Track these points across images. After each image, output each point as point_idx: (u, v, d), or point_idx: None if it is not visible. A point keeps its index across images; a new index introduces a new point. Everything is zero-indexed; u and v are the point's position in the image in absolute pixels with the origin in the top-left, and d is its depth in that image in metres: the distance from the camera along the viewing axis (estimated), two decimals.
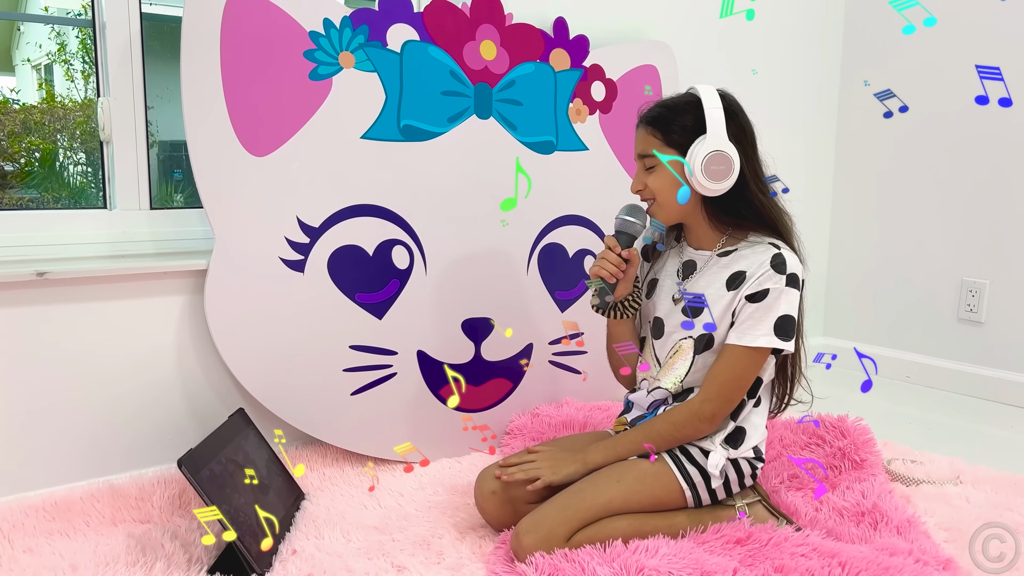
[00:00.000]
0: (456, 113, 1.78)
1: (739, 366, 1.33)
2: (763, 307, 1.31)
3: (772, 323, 1.31)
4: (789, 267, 1.32)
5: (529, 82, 1.87)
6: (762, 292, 1.31)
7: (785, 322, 1.31)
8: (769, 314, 1.31)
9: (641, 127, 1.39)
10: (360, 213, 1.69)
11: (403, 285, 1.75)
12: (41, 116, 2.57)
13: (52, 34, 2.79)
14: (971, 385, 2.45)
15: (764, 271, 1.31)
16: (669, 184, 1.36)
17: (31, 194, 2.30)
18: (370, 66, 1.67)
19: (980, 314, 2.44)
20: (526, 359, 1.92)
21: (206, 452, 1.34)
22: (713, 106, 1.33)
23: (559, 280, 1.97)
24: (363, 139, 1.68)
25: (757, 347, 1.32)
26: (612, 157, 2.03)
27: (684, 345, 1.41)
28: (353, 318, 1.70)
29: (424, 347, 1.79)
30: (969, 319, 2.47)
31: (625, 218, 1.42)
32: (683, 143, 1.34)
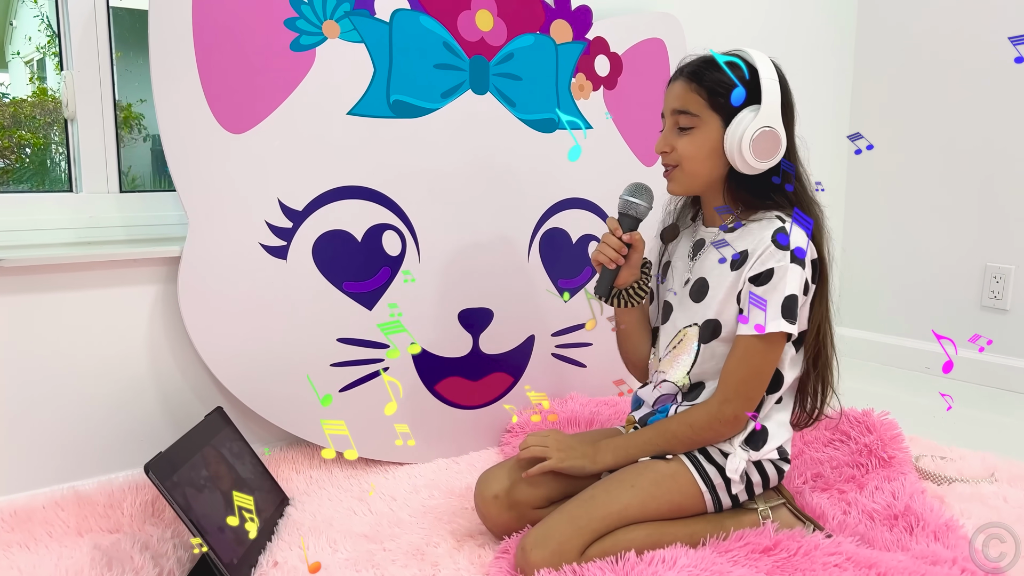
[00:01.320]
0: (450, 88, 1.66)
1: (755, 358, 1.21)
2: (768, 289, 1.19)
3: (779, 305, 1.18)
4: (792, 241, 1.19)
5: (528, 55, 1.74)
6: (766, 273, 1.19)
7: (790, 301, 1.18)
8: (775, 295, 1.18)
9: (681, 80, 1.25)
10: (347, 195, 1.57)
11: (395, 273, 1.62)
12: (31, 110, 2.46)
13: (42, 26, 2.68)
14: (996, 375, 2.33)
15: (766, 248, 1.19)
16: (704, 153, 1.23)
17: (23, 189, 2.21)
18: (357, 36, 1.55)
19: (1005, 301, 2.32)
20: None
21: (178, 455, 1.22)
22: (769, 76, 1.21)
23: (562, 267, 1.85)
24: (350, 115, 1.56)
25: (769, 333, 1.18)
26: (617, 136, 1.90)
27: (689, 333, 1.30)
28: (341, 309, 1.57)
29: (418, 339, 1.66)
30: (993, 306, 2.35)
31: (628, 199, 1.30)
32: (730, 110, 1.21)
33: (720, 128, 1.22)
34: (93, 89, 1.51)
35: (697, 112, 1.23)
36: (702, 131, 1.23)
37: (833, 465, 1.53)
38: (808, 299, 1.23)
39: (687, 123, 1.24)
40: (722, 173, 1.25)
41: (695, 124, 1.23)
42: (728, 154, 1.22)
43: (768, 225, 1.22)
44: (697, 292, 1.29)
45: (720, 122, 1.22)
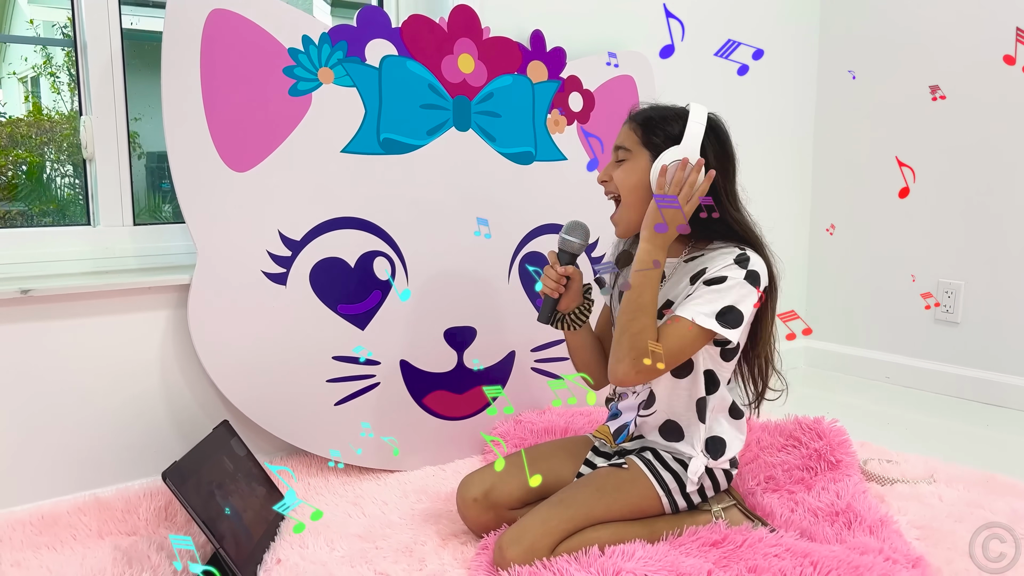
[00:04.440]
0: (435, 126, 1.81)
1: (674, 337, 1.29)
2: (714, 290, 1.30)
3: (718, 307, 1.28)
4: (752, 264, 1.32)
5: (507, 94, 1.90)
6: (719, 278, 1.30)
7: (729, 312, 1.28)
8: (718, 298, 1.29)
9: (627, 123, 1.42)
10: (341, 226, 1.72)
11: (385, 296, 1.77)
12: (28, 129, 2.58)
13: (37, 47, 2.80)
14: (948, 384, 2.50)
15: (727, 264, 1.32)
16: (633, 182, 1.37)
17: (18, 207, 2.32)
18: (349, 81, 1.70)
19: (956, 315, 2.48)
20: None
21: (191, 464, 1.36)
22: (696, 120, 1.35)
23: None
24: (343, 153, 1.71)
25: (695, 323, 1.28)
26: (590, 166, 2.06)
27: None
28: (336, 329, 1.72)
29: (407, 356, 1.81)
30: (945, 320, 2.51)
31: (565, 236, 1.44)
32: (659, 147, 1.35)
33: (648, 161, 1.36)
34: (110, 133, 1.66)
35: (630, 147, 1.38)
36: (632, 163, 1.38)
37: (784, 468, 1.67)
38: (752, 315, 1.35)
39: (622, 156, 1.40)
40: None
41: (627, 157, 1.39)
42: (651, 185, 1.35)
43: (730, 251, 1.35)
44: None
45: (649, 157, 1.36)
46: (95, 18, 1.63)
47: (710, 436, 1.40)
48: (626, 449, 1.46)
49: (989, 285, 2.41)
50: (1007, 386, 2.37)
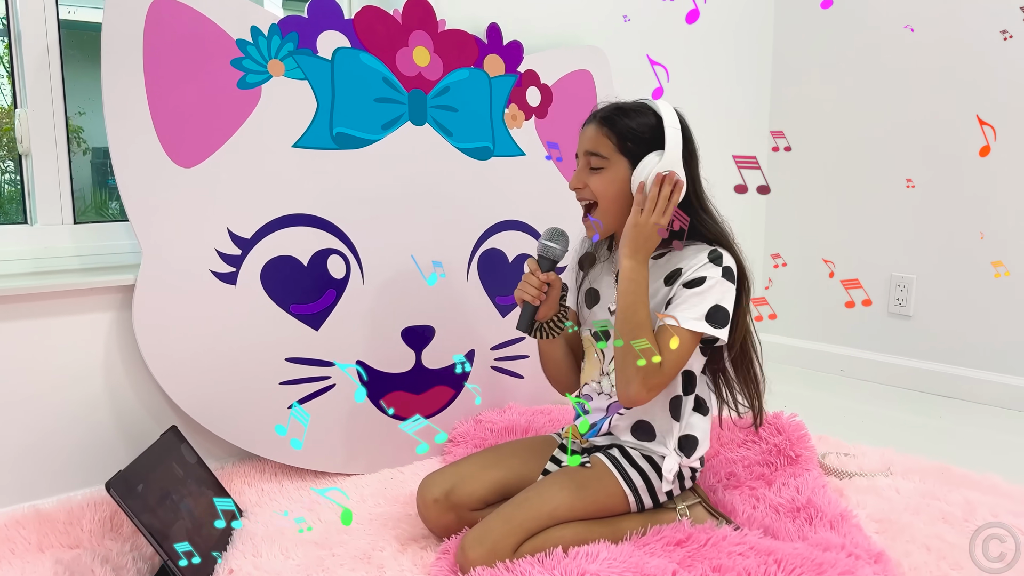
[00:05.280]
0: (390, 120, 1.77)
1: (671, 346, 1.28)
2: (697, 293, 1.30)
3: (705, 309, 1.29)
4: (725, 261, 1.32)
5: (464, 88, 1.86)
6: (699, 279, 1.31)
7: (717, 312, 1.30)
8: (703, 300, 1.30)
9: (593, 124, 1.38)
10: (293, 223, 1.67)
11: (339, 295, 1.73)
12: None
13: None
14: (901, 376, 2.53)
15: (701, 263, 1.32)
16: (613, 191, 1.36)
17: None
18: (300, 74, 1.65)
19: (908, 307, 2.52)
20: None
21: (137, 473, 1.30)
22: (673, 125, 1.34)
23: (499, 285, 1.97)
24: (295, 148, 1.66)
25: (687, 329, 1.28)
26: (550, 163, 2.03)
27: None
28: (289, 330, 1.67)
29: (363, 357, 1.77)
30: (899, 313, 2.55)
31: (546, 243, 1.42)
32: (636, 153, 1.34)
33: (627, 170, 1.35)
34: (47, 126, 1.58)
35: (607, 155, 1.36)
36: (610, 171, 1.36)
37: (745, 464, 1.67)
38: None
39: (598, 164, 1.37)
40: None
41: (604, 165, 1.36)
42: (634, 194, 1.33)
43: (701, 249, 1.35)
44: None
45: (627, 164, 1.35)
46: (30, 7, 1.55)
47: (683, 434, 1.39)
48: (595, 445, 1.44)
49: (940, 278, 2.45)
50: (958, 378, 2.41)
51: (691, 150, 1.38)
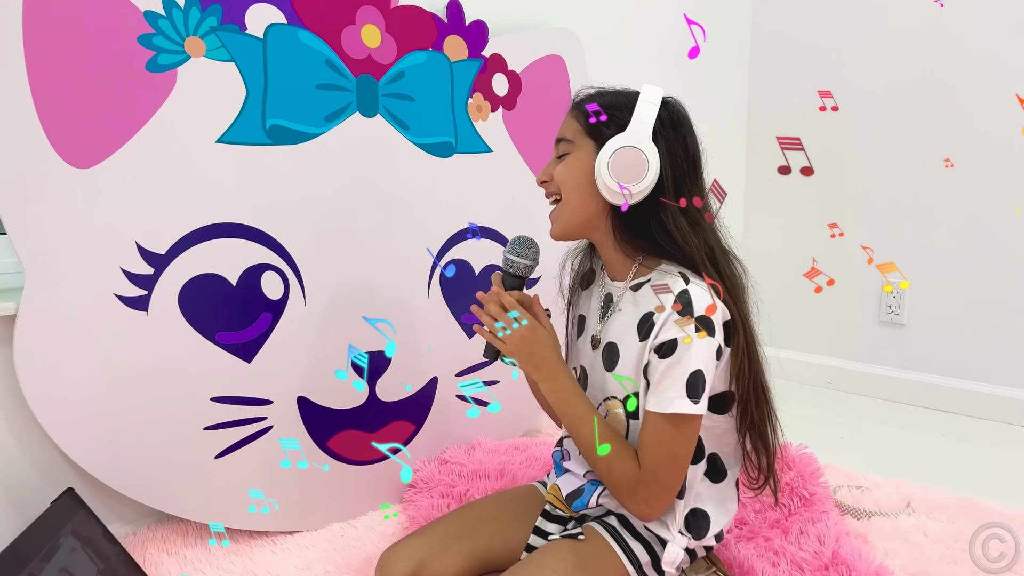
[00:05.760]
0: (335, 111, 1.50)
1: (666, 438, 1.04)
2: (672, 363, 1.02)
3: (684, 382, 1.01)
4: (696, 306, 1.02)
5: (421, 74, 1.60)
6: (669, 344, 1.03)
7: (694, 378, 1.01)
8: (679, 370, 1.02)
9: (571, 111, 1.15)
10: (218, 234, 1.38)
11: (277, 319, 1.45)
12: None
13: None
14: (894, 390, 2.35)
15: (668, 316, 1.03)
16: (576, 177, 1.10)
17: None
18: (225, 54, 1.37)
19: (902, 316, 2.34)
20: None
21: (23, 551, 1.03)
22: (648, 100, 1.08)
23: (465, 302, 1.71)
24: (219, 143, 1.37)
25: (674, 414, 1.02)
26: (519, 159, 1.78)
27: (612, 407, 1.14)
28: (214, 363, 1.39)
29: (306, 392, 1.49)
30: (891, 321, 2.37)
31: (509, 256, 1.16)
32: (605, 136, 1.09)
33: (593, 155, 1.09)
34: None
35: (572, 137, 1.12)
36: (575, 155, 1.11)
37: (755, 509, 1.46)
38: (722, 363, 1.07)
39: (564, 149, 1.13)
40: (598, 208, 1.11)
41: (570, 150, 1.12)
42: (597, 181, 1.08)
43: (673, 280, 1.07)
44: (608, 358, 1.15)
45: (594, 148, 1.09)
46: None
47: (691, 510, 1.14)
48: (587, 514, 1.19)
49: (936, 284, 2.27)
50: (957, 391, 2.24)
51: (684, 140, 1.11)
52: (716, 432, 1.14)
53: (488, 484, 1.49)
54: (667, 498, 1.07)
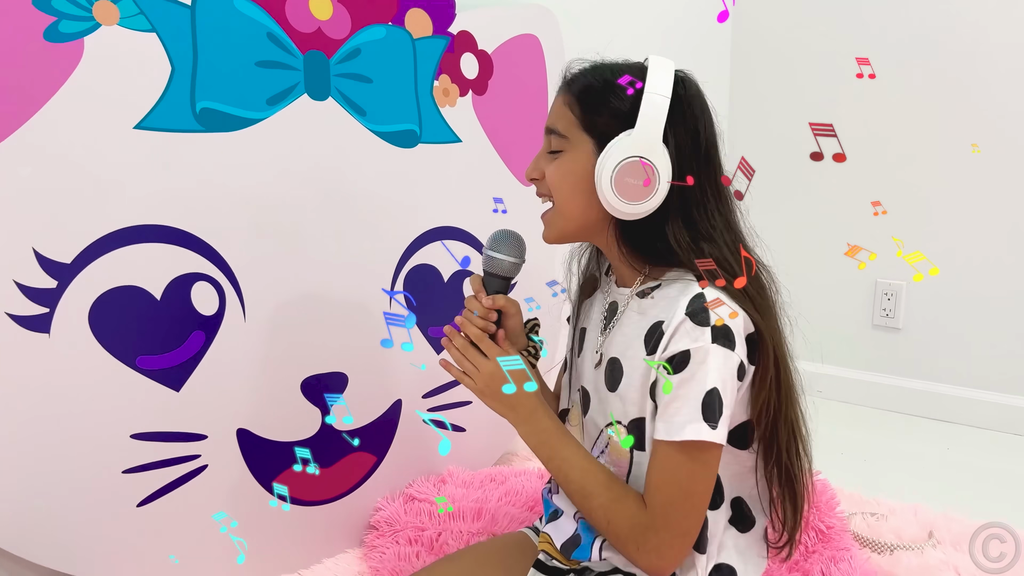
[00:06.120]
0: (279, 92, 1.28)
1: (679, 473, 0.88)
2: (684, 379, 0.87)
3: (699, 402, 0.86)
4: (713, 316, 0.87)
5: (379, 51, 1.39)
6: (681, 356, 0.87)
7: (710, 397, 0.86)
8: (692, 389, 0.86)
9: (562, 93, 0.96)
10: (138, 239, 1.15)
11: (211, 338, 1.22)
12: None
13: None
14: (890, 398, 2.21)
15: (680, 322, 0.88)
16: (570, 183, 0.94)
17: None
18: (145, 23, 1.14)
19: (897, 319, 2.19)
20: None
21: None
22: (657, 91, 0.90)
23: (433, 312, 1.50)
24: (138, 129, 1.14)
25: (686, 441, 0.86)
26: (491, 151, 1.58)
27: (615, 434, 0.97)
28: (134, 394, 1.16)
29: (247, 423, 1.27)
30: (885, 325, 2.22)
31: (490, 253, 0.99)
32: (606, 133, 0.91)
33: (592, 154, 0.92)
34: None
35: (565, 132, 0.94)
36: (570, 155, 0.94)
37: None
38: (744, 385, 0.91)
39: (557, 145, 0.95)
40: (600, 215, 0.94)
41: (564, 147, 0.94)
42: (597, 190, 0.91)
43: (685, 289, 0.91)
44: (611, 377, 0.97)
45: (593, 146, 0.92)
46: None
47: (714, 566, 0.95)
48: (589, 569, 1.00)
49: (934, 286, 2.13)
50: (958, 399, 2.10)
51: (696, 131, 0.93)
52: (738, 471, 0.97)
53: (464, 527, 1.29)
54: (682, 547, 0.89)
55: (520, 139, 1.62)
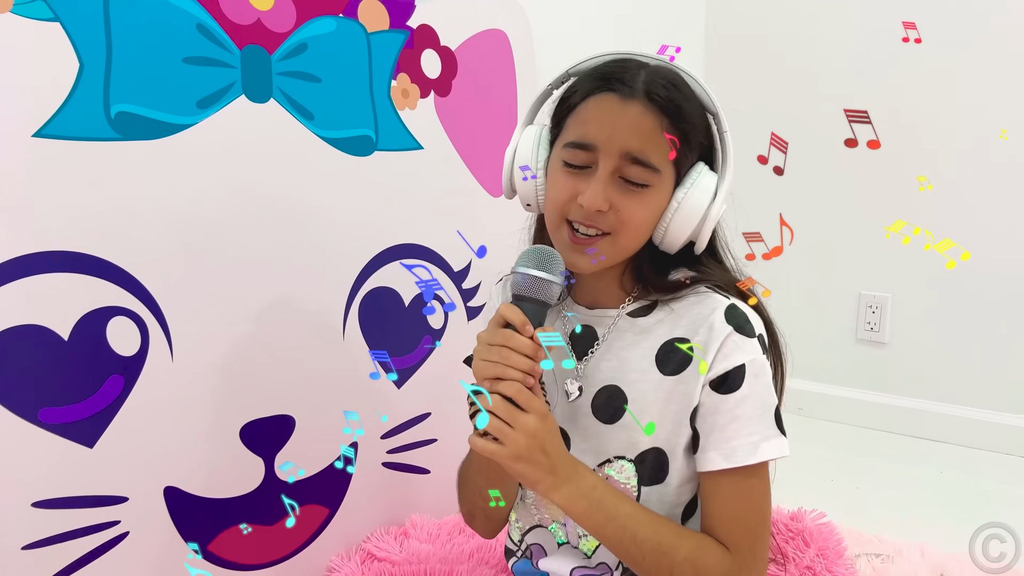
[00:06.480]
0: (212, 94, 1.10)
1: (751, 497, 0.83)
2: (751, 397, 0.82)
3: (771, 416, 0.83)
4: (753, 322, 0.85)
5: (329, 47, 1.22)
6: (737, 372, 0.82)
7: (777, 410, 0.85)
8: (757, 405, 0.82)
9: (640, 104, 0.81)
10: (40, 268, 0.96)
11: (131, 383, 1.04)
12: None
13: None
14: (876, 416, 2.11)
15: (726, 337, 0.82)
16: (654, 219, 0.84)
17: None
18: (45, 10, 0.95)
19: (883, 333, 2.09)
20: None
21: None
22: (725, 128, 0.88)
23: (392, 341, 1.34)
24: (38, 138, 0.96)
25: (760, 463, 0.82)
26: (457, 158, 1.42)
27: (615, 473, 0.87)
28: (37, 453, 0.97)
29: (176, 480, 1.09)
30: (870, 339, 2.12)
31: (534, 274, 0.80)
32: (686, 166, 0.84)
33: (670, 187, 0.84)
34: None
35: (660, 166, 0.81)
36: (657, 192, 0.83)
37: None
38: None
39: (643, 178, 0.81)
40: None
41: (654, 181, 0.82)
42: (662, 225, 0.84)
43: (706, 300, 0.85)
44: (606, 408, 0.87)
45: (673, 179, 0.84)
46: None
47: None
48: None
49: (921, 298, 2.02)
50: (946, 417, 2.01)
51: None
52: None
53: None
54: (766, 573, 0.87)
55: (488, 145, 1.46)
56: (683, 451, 0.85)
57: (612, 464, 0.87)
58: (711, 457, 0.82)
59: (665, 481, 0.86)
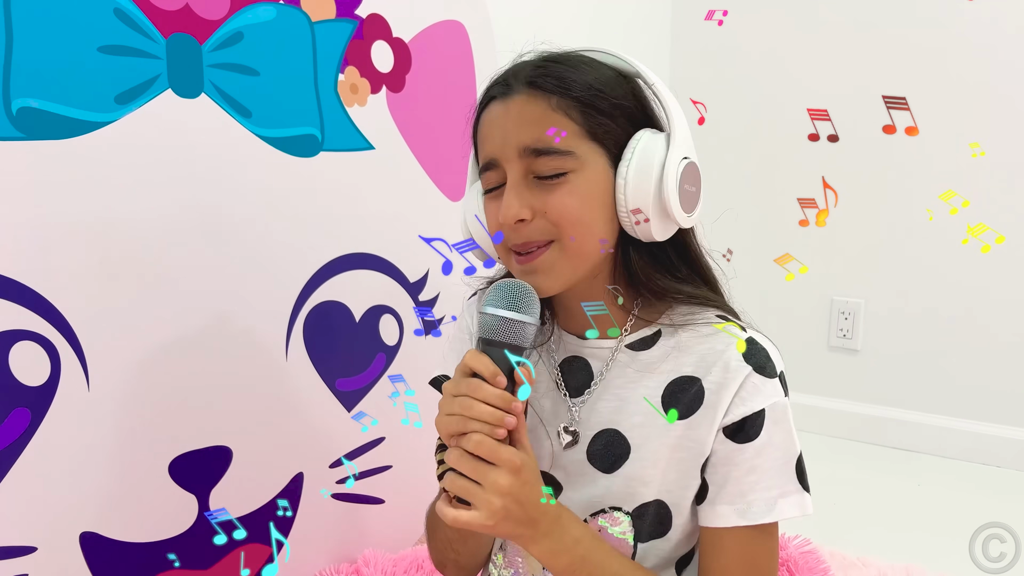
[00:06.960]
0: (133, 87, 0.98)
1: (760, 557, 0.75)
2: (771, 445, 0.73)
3: (792, 469, 0.74)
4: (775, 360, 0.75)
5: (268, 36, 1.10)
6: (755, 418, 0.72)
7: (800, 461, 0.75)
8: (778, 455, 0.74)
9: (524, 94, 0.72)
10: None
11: (39, 417, 0.91)
12: None
13: None
14: (847, 426, 2.05)
15: (744, 378, 0.72)
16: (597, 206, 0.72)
17: None
18: None
19: (855, 340, 2.03)
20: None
21: None
22: (659, 82, 0.75)
23: (341, 360, 1.23)
24: None
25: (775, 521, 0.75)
26: (411, 159, 1.32)
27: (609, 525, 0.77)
28: None
29: (95, 524, 0.97)
30: (843, 346, 2.06)
31: (502, 314, 0.68)
32: (617, 138, 0.73)
33: (608, 168, 0.73)
34: None
35: (572, 146, 0.71)
36: (583, 175, 0.72)
37: None
38: None
39: (555, 167, 0.71)
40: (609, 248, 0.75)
41: (569, 167, 0.71)
42: (623, 208, 0.72)
43: (713, 334, 0.75)
44: (605, 455, 0.77)
45: (605, 159, 0.73)
46: None
47: None
48: None
49: (895, 303, 1.97)
50: (920, 426, 1.96)
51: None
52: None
53: None
54: None
55: (445, 145, 1.36)
56: (689, 504, 0.76)
57: (606, 515, 0.77)
58: (722, 512, 0.73)
59: (666, 536, 0.77)
